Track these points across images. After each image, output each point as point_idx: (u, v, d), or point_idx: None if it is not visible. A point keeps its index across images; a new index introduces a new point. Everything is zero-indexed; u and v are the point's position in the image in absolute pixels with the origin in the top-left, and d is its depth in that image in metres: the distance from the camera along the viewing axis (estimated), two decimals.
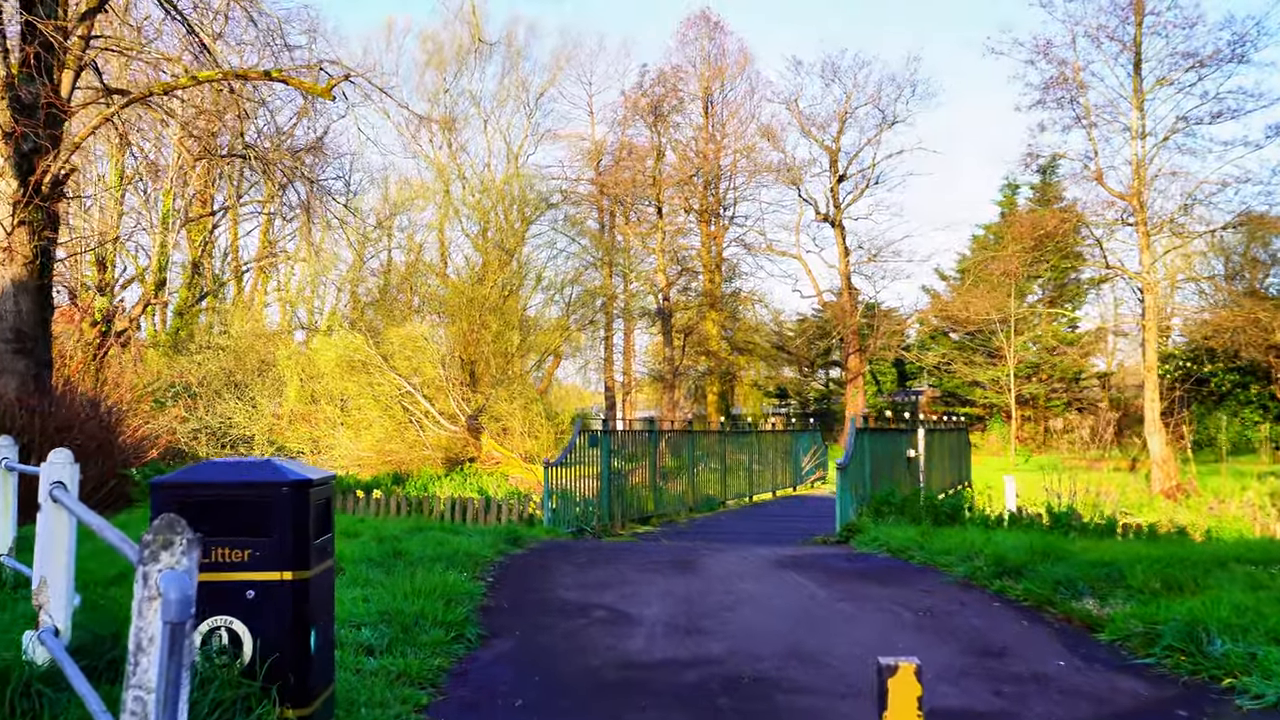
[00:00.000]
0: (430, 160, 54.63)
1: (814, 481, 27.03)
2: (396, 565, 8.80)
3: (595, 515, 14.54)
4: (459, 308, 40.73)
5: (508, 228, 51.97)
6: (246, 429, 36.05)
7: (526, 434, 35.18)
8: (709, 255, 54.50)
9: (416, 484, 28.11)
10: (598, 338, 56.31)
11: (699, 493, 19.04)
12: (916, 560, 9.49)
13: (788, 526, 16.05)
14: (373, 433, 35.35)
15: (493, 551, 10.00)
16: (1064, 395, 55.04)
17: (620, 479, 15.60)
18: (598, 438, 14.95)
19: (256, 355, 39.95)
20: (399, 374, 34.77)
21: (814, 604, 8.00)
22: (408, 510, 17.02)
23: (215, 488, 4.62)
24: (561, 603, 8.11)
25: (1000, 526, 12.19)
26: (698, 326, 54.48)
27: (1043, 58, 24.32)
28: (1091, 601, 7.52)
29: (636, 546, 11.67)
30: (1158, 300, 24.54)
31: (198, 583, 4.50)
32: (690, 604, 8.01)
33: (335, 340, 38.58)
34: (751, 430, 24.32)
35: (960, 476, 24.36)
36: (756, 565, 9.66)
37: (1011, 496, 21.23)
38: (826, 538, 12.34)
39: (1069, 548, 8.96)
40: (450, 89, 55.54)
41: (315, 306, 54.45)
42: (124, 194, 36.85)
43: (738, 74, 55.44)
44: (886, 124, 53.38)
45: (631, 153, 53.70)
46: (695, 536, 14.28)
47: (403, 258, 54.79)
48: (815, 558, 10.12)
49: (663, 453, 17.71)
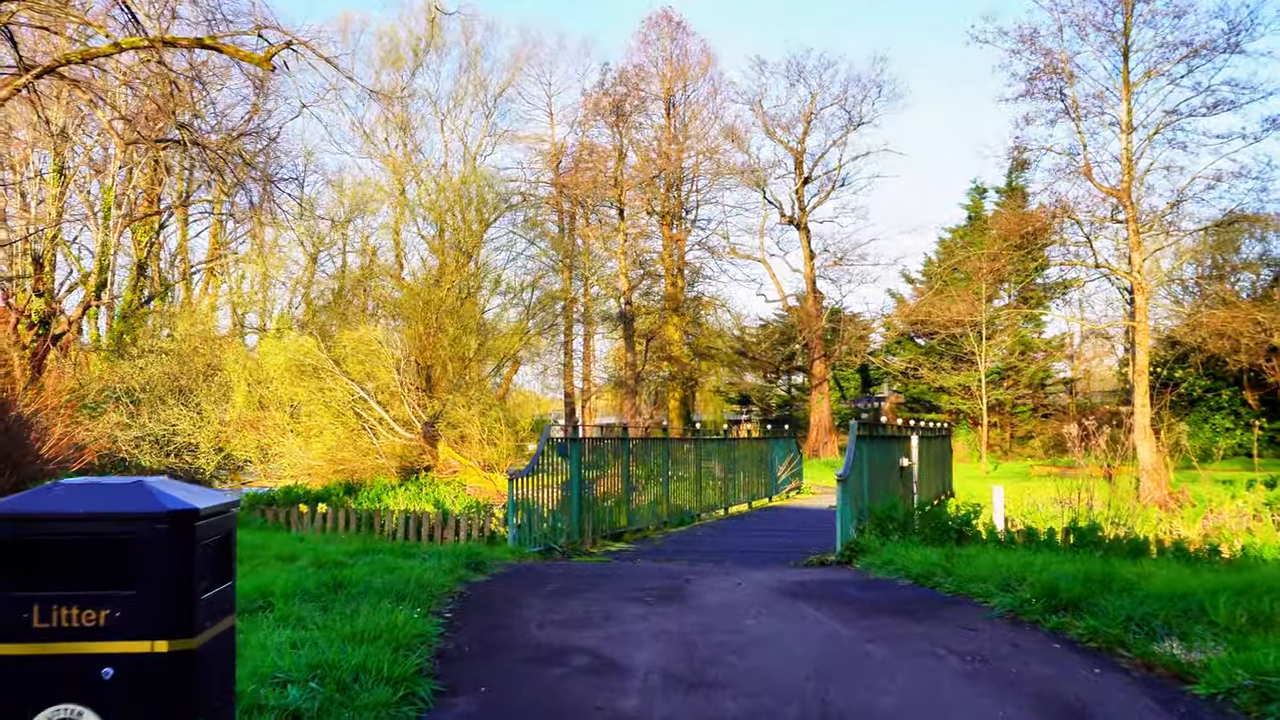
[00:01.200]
0: (385, 160, 53.11)
1: (789, 492, 25.79)
2: (336, 600, 7.40)
3: (564, 532, 13.18)
4: (414, 310, 39.37)
5: (465, 229, 50.60)
6: (191, 436, 34.57)
7: (485, 441, 33.83)
8: (671, 259, 53.35)
9: (370, 494, 26.67)
10: (557, 342, 55.17)
11: (672, 505, 17.72)
12: (945, 589, 8.19)
13: (774, 543, 14.75)
14: (324, 440, 33.83)
15: (451, 579, 8.60)
16: (1030, 401, 54.42)
17: (590, 490, 14.25)
18: (567, 446, 13.59)
19: (203, 359, 38.32)
20: (352, 379, 33.30)
21: (838, 647, 6.69)
22: (357, 526, 15.59)
23: (60, 522, 3.22)
24: (534, 646, 6.75)
25: (1016, 545, 10.97)
26: (660, 331, 53.40)
27: (1028, 48, 23.35)
28: (1175, 644, 6.26)
29: (613, 569, 10.32)
30: (1149, 300, 23.55)
31: (29, 658, 3.11)
32: (690, 647, 6.68)
33: (285, 344, 37.04)
34: (726, 438, 23.04)
35: (944, 486, 23.24)
36: (758, 594, 8.34)
37: (1000, 509, 20.11)
38: (824, 557, 11.06)
39: (1123, 573, 7.71)
40: (407, 87, 54.05)
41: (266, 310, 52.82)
42: (64, 190, 35.14)
43: (700, 75, 54.57)
44: (852, 125, 52.70)
45: (592, 153, 52.56)
46: (675, 555, 12.94)
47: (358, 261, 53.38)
48: (823, 585, 8.81)
49: (634, 460, 16.38)
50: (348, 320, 38.32)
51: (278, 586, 7.52)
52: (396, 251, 52.38)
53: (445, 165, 54.29)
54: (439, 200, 51.05)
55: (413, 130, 54.34)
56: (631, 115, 51.43)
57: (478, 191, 51.14)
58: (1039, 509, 23.89)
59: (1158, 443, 23.71)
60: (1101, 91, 23.24)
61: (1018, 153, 24.17)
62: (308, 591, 7.53)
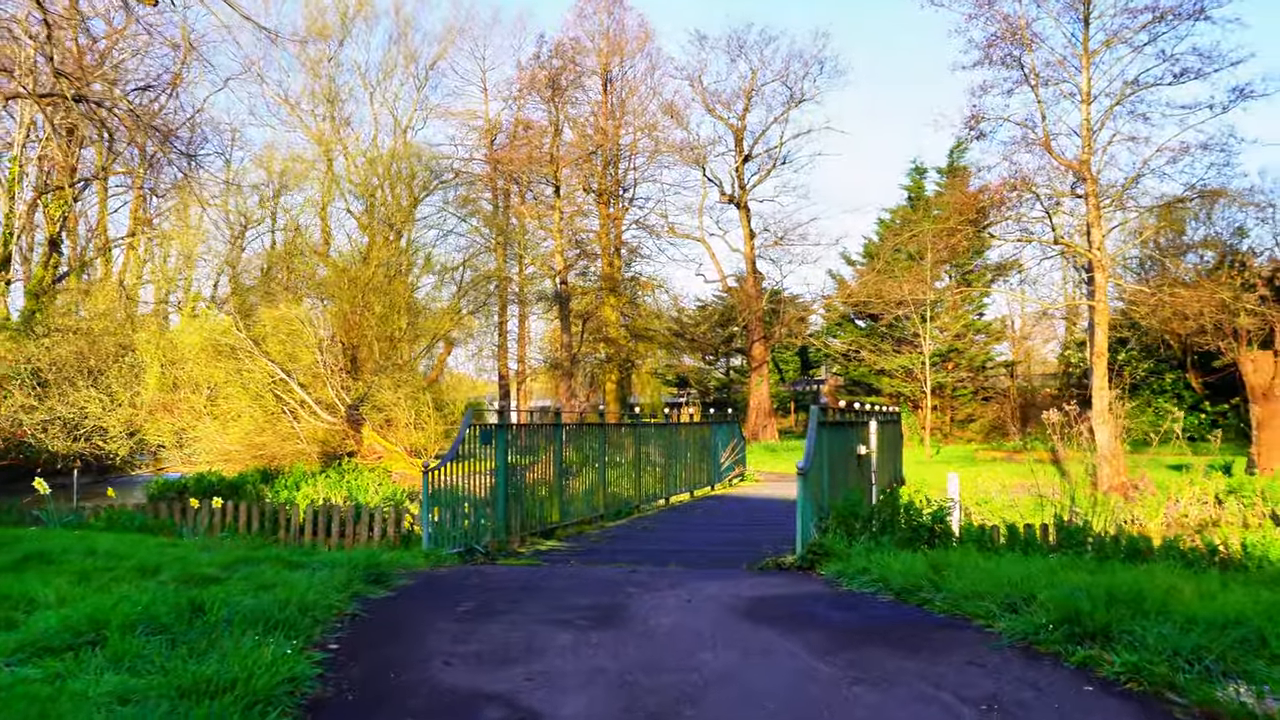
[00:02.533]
0: (312, 134, 50.92)
1: (733, 479, 24.51)
2: (191, 630, 5.90)
3: (489, 529, 11.72)
4: (340, 288, 37.69)
5: (395, 205, 48.78)
6: (102, 420, 32.78)
7: (413, 425, 32.34)
8: (608, 238, 51.96)
9: (288, 482, 25.11)
10: (491, 323, 53.73)
11: (610, 496, 16.34)
12: (937, 608, 6.83)
13: (723, 539, 13.42)
14: (241, 424, 32.11)
15: (343, 596, 7.11)
16: (970, 384, 53.88)
17: (519, 482, 12.81)
18: (492, 433, 12.11)
19: (114, 339, 36.25)
20: (271, 359, 31.59)
21: (816, 689, 5.33)
22: (260, 523, 14.02)
23: None
24: (436, 692, 5.32)
25: (997, 546, 9.73)
26: (596, 312, 52.10)
27: (985, 12, 22.11)
28: (1241, 689, 4.99)
29: (542, 576, 8.89)
30: (1109, 278, 22.51)
31: None
32: (633, 693, 5.28)
33: (200, 323, 35.21)
34: (667, 423, 21.69)
35: (896, 473, 22.12)
36: (713, 615, 6.95)
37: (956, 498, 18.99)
38: (782, 559, 9.74)
39: (1148, 588, 6.44)
40: (334, 57, 51.94)
41: (191, 289, 50.49)
42: None
43: (638, 50, 53.28)
44: (794, 102, 51.57)
45: (528, 129, 51.03)
46: (613, 555, 11.54)
47: (284, 239, 51.29)
48: (790, 602, 7.43)
49: (568, 449, 14.96)
50: (273, 299, 36.49)
51: (119, 613, 6.00)
52: (323, 228, 50.41)
53: (375, 139, 52.39)
54: (368, 175, 49.16)
55: (341, 103, 52.33)
56: (568, 90, 49.87)
57: (409, 166, 49.36)
58: (993, 497, 22.91)
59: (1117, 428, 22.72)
60: (1061, 59, 22.19)
61: (974, 122, 23.05)
62: (156, 619, 6.02)
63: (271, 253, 49.52)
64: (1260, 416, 22.46)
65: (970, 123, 23.15)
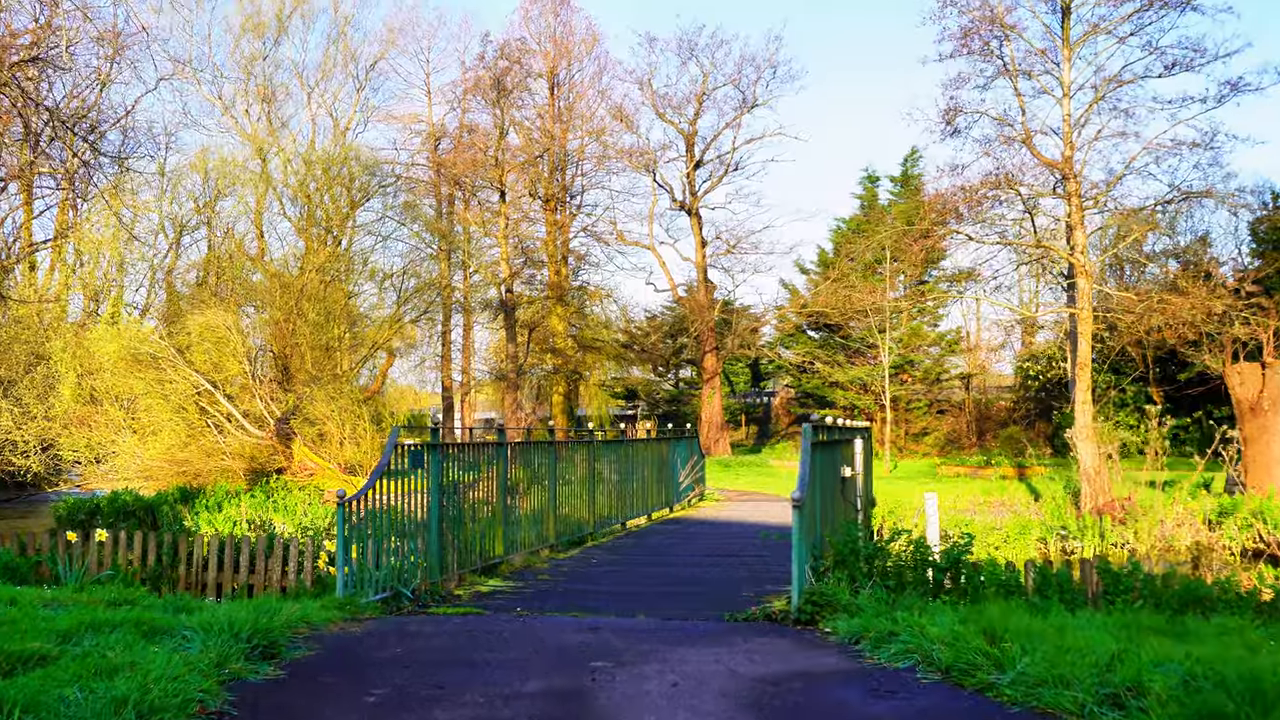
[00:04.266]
0: (246, 135, 48.62)
1: (692, 499, 22.82)
2: None
3: (419, 567, 9.92)
4: (273, 295, 35.71)
5: (333, 209, 46.72)
6: (12, 433, 30.62)
7: (349, 440, 30.39)
8: (555, 245, 50.24)
9: (209, 502, 23.14)
10: (435, 333, 51.95)
11: (561, 522, 14.58)
12: (1007, 698, 5.09)
13: (693, 575, 11.69)
14: (161, 439, 30.05)
15: (211, 684, 5.28)
16: (925, 397, 52.84)
17: (456, 511, 11.02)
18: (422, 455, 10.30)
19: (26, 348, 33.94)
20: (196, 369, 29.56)
21: None
22: (155, 557, 12.09)
23: None
24: None
25: (1025, 590, 8.14)
26: (543, 322, 50.42)
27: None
28: None
29: (481, 636, 7.10)
30: (1092, 284, 21.14)
31: None
32: None
33: (119, 330, 33.03)
34: (622, 438, 19.97)
35: (868, 494, 20.55)
36: (712, 712, 5.24)
37: (934, 523, 17.48)
38: (770, 608, 8.07)
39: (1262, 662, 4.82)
40: (269, 56, 49.76)
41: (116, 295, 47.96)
42: None
43: (585, 54, 51.79)
44: (746, 106, 50.33)
45: (473, 132, 49.24)
46: (567, 600, 9.76)
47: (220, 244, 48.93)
48: (807, 683, 5.67)
49: (514, 468, 13.20)
50: (202, 306, 34.33)
51: None
52: (258, 232, 48.10)
53: (313, 141, 50.22)
54: (305, 178, 46.99)
55: (277, 103, 50.20)
56: (514, 92, 48.10)
57: (348, 169, 47.32)
58: (972, 518, 21.46)
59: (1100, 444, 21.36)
60: (1043, 50, 20.84)
61: (950, 115, 21.64)
62: None
63: (207, 259, 47.22)
64: (1248, 433, 21.21)
65: (946, 116, 21.76)
